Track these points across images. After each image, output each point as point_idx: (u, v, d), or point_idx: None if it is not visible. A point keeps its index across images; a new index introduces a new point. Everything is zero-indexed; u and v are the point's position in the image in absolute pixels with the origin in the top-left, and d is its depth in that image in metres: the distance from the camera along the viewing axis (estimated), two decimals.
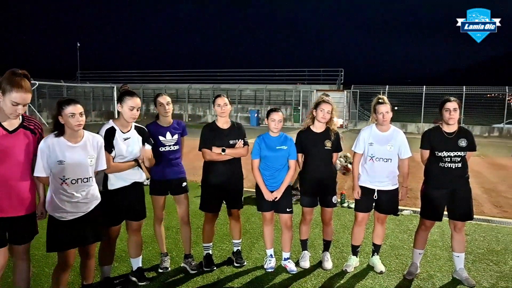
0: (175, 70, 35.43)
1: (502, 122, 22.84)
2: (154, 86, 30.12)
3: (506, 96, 23.17)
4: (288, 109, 26.16)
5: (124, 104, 3.25)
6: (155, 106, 3.78)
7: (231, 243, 4.27)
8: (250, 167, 3.89)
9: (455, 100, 3.62)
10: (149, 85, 30.82)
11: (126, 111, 3.25)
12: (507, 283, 3.75)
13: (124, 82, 31.10)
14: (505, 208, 6.53)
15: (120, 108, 3.26)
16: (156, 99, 3.73)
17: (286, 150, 3.81)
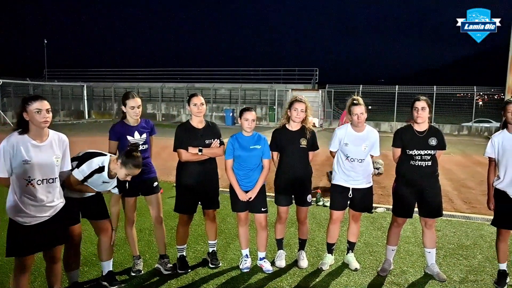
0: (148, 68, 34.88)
1: (470, 121, 23.79)
2: (126, 85, 29.50)
3: (474, 96, 24.13)
4: (264, 109, 26.27)
5: (127, 167, 3.16)
6: (123, 106, 3.69)
7: (206, 244, 4.24)
8: (224, 167, 3.87)
9: (423, 100, 3.71)
10: (121, 83, 30.17)
11: (120, 172, 3.17)
12: (476, 276, 3.90)
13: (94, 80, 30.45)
14: (474, 204, 6.78)
15: (120, 167, 3.15)
16: (126, 101, 3.64)
17: (260, 149, 3.81)
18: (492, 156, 3.67)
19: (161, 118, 27.62)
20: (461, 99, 25.95)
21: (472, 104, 24.07)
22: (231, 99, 28.41)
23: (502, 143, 3.57)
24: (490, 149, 3.67)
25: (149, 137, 3.82)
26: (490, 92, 25.58)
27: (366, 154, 3.85)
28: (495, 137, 3.67)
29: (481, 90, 24.42)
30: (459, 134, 23.07)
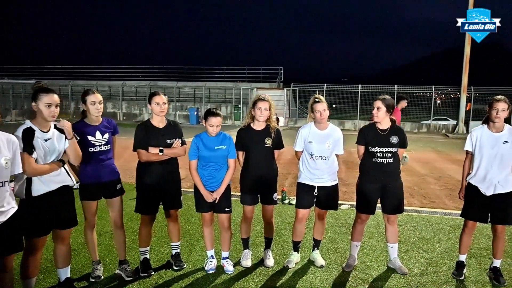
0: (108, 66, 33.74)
1: (429, 118, 24.93)
2: (84, 83, 28.48)
3: (432, 95, 25.30)
4: (229, 107, 26.20)
5: (39, 102, 2.98)
6: (83, 104, 3.54)
7: (170, 246, 4.16)
8: (188, 168, 3.82)
9: (380, 99, 3.82)
10: (79, 81, 29.09)
11: (43, 109, 2.99)
12: (435, 268, 4.08)
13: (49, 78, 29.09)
14: (433, 198, 7.10)
15: (36, 107, 3.00)
16: (87, 97, 3.51)
17: (225, 149, 3.79)
18: (469, 149, 3.79)
19: (122, 117, 26.91)
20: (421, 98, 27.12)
21: (430, 102, 25.23)
22: (196, 97, 28.12)
23: (480, 139, 3.68)
24: (469, 143, 3.78)
25: (112, 137, 3.70)
26: (447, 91, 26.93)
27: (331, 152, 3.92)
28: (474, 131, 3.77)
29: (439, 89, 25.67)
30: (419, 131, 24.09)
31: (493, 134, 3.63)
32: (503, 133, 3.61)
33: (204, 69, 31.11)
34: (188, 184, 6.48)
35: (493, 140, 3.62)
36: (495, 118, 3.57)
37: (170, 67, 31.38)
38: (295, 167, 4.13)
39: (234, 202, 4.21)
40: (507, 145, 3.57)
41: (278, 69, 28.28)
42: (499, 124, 3.61)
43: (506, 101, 3.55)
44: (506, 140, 3.58)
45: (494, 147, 3.60)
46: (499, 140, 3.59)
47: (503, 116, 3.55)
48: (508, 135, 3.59)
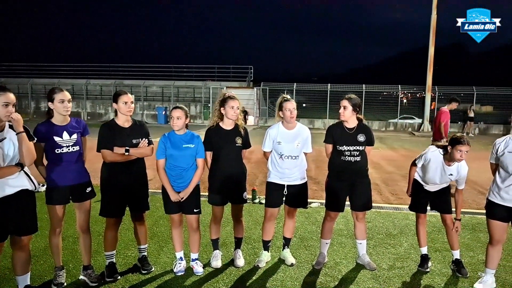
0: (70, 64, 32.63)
1: (396, 117, 25.74)
2: (45, 81, 27.38)
3: (399, 94, 26.14)
4: (198, 106, 25.99)
5: None
6: (50, 103, 3.41)
7: (137, 249, 4.07)
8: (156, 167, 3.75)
9: (346, 98, 3.90)
10: (39, 80, 27.93)
11: None
12: (402, 263, 4.21)
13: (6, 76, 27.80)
14: (400, 195, 7.33)
15: None
16: (54, 95, 3.38)
17: (193, 148, 3.75)
18: (419, 165, 4.05)
19: (87, 117, 26.11)
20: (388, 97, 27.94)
21: (397, 101, 26.06)
22: (164, 96, 27.69)
23: (429, 162, 3.89)
24: (421, 160, 4.00)
25: (81, 138, 3.58)
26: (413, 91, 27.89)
27: (300, 151, 3.96)
28: (427, 154, 3.95)
29: (405, 88, 26.53)
30: (386, 130, 24.82)
31: (445, 165, 3.83)
32: (452, 168, 3.81)
33: (172, 67, 30.60)
34: (156, 185, 6.37)
35: (441, 171, 3.85)
36: (458, 160, 3.72)
37: (136, 65, 30.72)
38: (265, 166, 4.14)
39: (203, 202, 4.18)
40: (452, 177, 3.84)
41: (248, 68, 28.31)
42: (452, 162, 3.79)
43: (469, 143, 3.66)
44: (452, 173, 3.83)
45: (441, 179, 3.89)
46: (447, 172, 3.83)
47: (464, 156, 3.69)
48: (455, 171, 3.82)
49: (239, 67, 29.24)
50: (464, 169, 3.82)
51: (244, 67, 28.72)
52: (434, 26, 22.87)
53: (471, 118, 22.05)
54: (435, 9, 22.71)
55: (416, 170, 4.12)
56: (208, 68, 30.30)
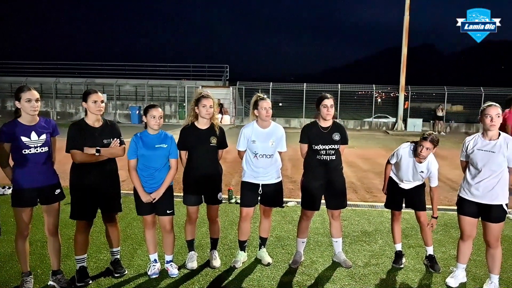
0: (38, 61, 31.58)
1: (371, 116, 26.26)
2: (11, 79, 26.44)
3: (373, 93, 26.68)
4: (173, 106, 25.70)
5: None
6: (17, 102, 3.28)
7: (109, 252, 3.97)
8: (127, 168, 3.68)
9: (331, 97, 3.96)
10: (5, 78, 26.92)
11: None
12: (377, 260, 4.29)
13: None
14: (375, 193, 7.47)
15: None
16: (21, 94, 3.25)
17: (166, 148, 3.69)
18: (392, 162, 4.17)
19: (56, 116, 25.38)
20: (363, 96, 28.46)
21: (372, 101, 26.59)
22: (137, 96, 27.25)
23: (402, 158, 4.00)
24: (394, 157, 4.12)
25: (51, 139, 3.47)
26: (387, 90, 28.51)
27: (274, 149, 3.97)
28: (399, 150, 4.07)
29: (379, 88, 27.10)
30: (361, 129, 25.27)
31: (416, 162, 3.94)
32: (423, 165, 3.92)
33: (146, 66, 30.15)
34: (129, 186, 6.24)
35: (412, 168, 3.97)
36: (420, 155, 3.85)
37: (109, 64, 30.05)
38: (241, 166, 4.13)
39: (178, 203, 4.12)
40: (423, 174, 3.95)
41: (223, 67, 28.22)
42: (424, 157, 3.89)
43: (433, 141, 3.80)
44: (422, 170, 3.93)
45: (414, 176, 3.99)
46: (418, 169, 3.94)
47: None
48: (425, 168, 3.92)
49: (215, 66, 29.11)
50: (434, 166, 3.93)
51: (220, 66, 28.62)
52: (407, 27, 23.45)
53: (441, 117, 22.76)
54: (408, 10, 23.30)
55: (391, 168, 4.20)
56: (183, 67, 29.99)
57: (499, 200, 3.46)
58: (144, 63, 30.70)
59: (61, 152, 3.58)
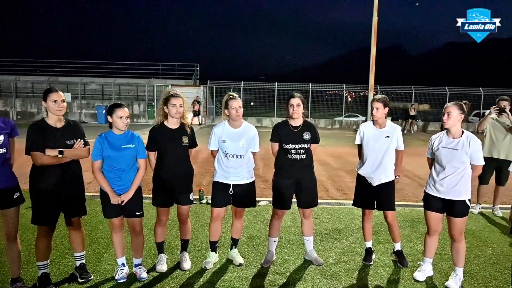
0: None
1: (341, 115, 26.77)
2: None
3: (344, 93, 27.21)
4: (142, 105, 25.24)
5: None
6: None
7: (74, 257, 3.85)
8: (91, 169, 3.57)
9: (298, 96, 3.99)
10: None
11: None
12: (348, 257, 4.37)
13: None
14: (346, 191, 7.62)
15: None
16: None
17: (133, 148, 3.61)
18: (358, 143, 4.18)
19: (16, 116, 24.37)
20: (333, 95, 28.99)
21: (342, 100, 27.11)
22: (104, 95, 26.57)
23: (365, 133, 4.09)
24: (357, 137, 4.18)
25: (9, 140, 3.32)
26: (357, 90, 29.15)
27: (246, 149, 3.96)
28: (361, 127, 4.19)
29: (350, 87, 27.67)
30: (332, 127, 25.71)
31: (377, 129, 4.04)
32: (386, 128, 4.04)
33: (113, 64, 29.40)
34: (96, 189, 6.08)
35: (377, 135, 4.03)
36: (375, 116, 4.00)
37: (73, 61, 29.14)
38: (213, 166, 4.10)
39: (147, 204, 4.05)
40: (388, 139, 4.00)
41: (194, 66, 27.97)
42: (382, 120, 4.04)
43: (380, 100, 4.00)
44: (388, 135, 4.01)
45: (378, 141, 4.01)
46: (381, 135, 4.01)
47: (381, 114, 3.98)
48: (389, 130, 4.03)
49: (184, 65, 28.80)
50: (398, 127, 4.08)
51: (190, 64, 28.36)
52: (375, 28, 24.03)
53: (413, 116, 23.51)
54: (376, 11, 23.88)
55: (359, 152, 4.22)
56: (152, 65, 29.51)
57: (462, 195, 3.60)
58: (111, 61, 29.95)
59: (21, 154, 3.43)
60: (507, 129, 5.80)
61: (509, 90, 25.31)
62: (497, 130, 5.88)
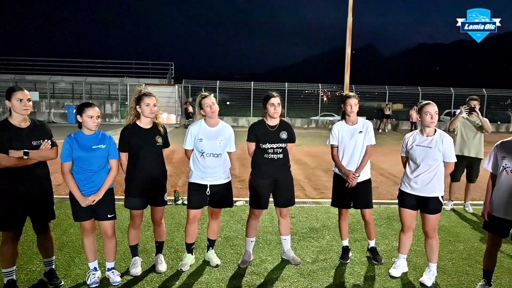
0: None
1: (317, 115, 27.07)
2: None
3: (319, 92, 27.54)
4: (114, 105, 24.75)
5: None
6: None
7: (43, 263, 3.72)
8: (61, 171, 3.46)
9: (278, 96, 4.00)
10: None
11: None
12: (325, 255, 4.41)
13: None
14: (322, 190, 7.69)
15: None
16: None
17: (104, 149, 3.52)
18: (334, 143, 4.20)
19: None
20: (309, 95, 29.29)
21: (318, 100, 27.43)
22: (74, 94, 25.91)
23: (339, 132, 4.15)
24: (331, 138, 4.21)
25: None
26: (332, 89, 29.57)
27: (222, 149, 3.93)
28: (334, 126, 4.24)
29: (325, 87, 28.03)
30: (308, 127, 25.97)
31: (350, 126, 4.12)
32: (358, 125, 4.13)
33: (84, 62, 28.68)
34: (66, 191, 5.90)
35: (351, 131, 4.11)
36: (350, 113, 4.08)
37: (41, 59, 28.18)
38: (188, 166, 4.05)
39: (120, 206, 3.95)
40: (362, 135, 4.09)
41: (168, 65, 27.66)
42: (354, 117, 4.13)
43: (356, 97, 4.11)
44: (361, 130, 4.10)
45: (352, 138, 4.09)
46: (355, 131, 4.09)
47: (356, 110, 4.08)
48: (362, 126, 4.12)
49: (159, 63, 28.46)
50: (370, 123, 4.17)
51: (164, 63, 28.04)
52: (350, 28, 24.42)
53: (388, 116, 24.03)
54: (351, 11, 24.29)
55: (336, 152, 4.21)
56: (125, 63, 28.96)
57: (435, 192, 3.70)
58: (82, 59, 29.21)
59: None
60: (477, 128, 6.00)
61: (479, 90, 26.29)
62: (467, 128, 6.07)
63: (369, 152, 4.13)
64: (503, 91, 27.86)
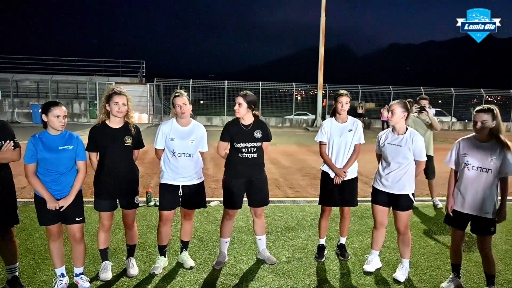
0: None
1: (292, 113, 27.29)
2: None
3: (294, 92, 27.76)
4: (83, 104, 24.13)
5: None
6: None
7: (5, 270, 3.56)
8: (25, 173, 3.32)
9: (240, 95, 3.90)
10: None
11: None
12: (300, 254, 4.43)
13: None
14: (297, 188, 7.74)
15: None
16: None
17: (72, 150, 3.39)
18: (323, 140, 4.22)
19: None
20: (284, 94, 29.47)
21: (292, 99, 27.64)
22: (40, 92, 25.09)
23: (329, 129, 4.17)
24: (320, 134, 4.23)
25: None
26: (306, 88, 29.86)
27: (194, 149, 3.88)
28: (324, 123, 4.25)
29: (299, 86, 28.27)
30: (283, 126, 26.14)
31: (340, 124, 4.16)
32: (348, 123, 4.17)
33: (50, 59, 27.75)
34: (30, 194, 5.69)
35: (341, 129, 4.14)
36: (341, 111, 4.11)
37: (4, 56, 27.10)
38: (159, 166, 3.98)
39: (89, 209, 3.84)
40: (351, 133, 4.14)
41: (139, 63, 27.18)
42: (345, 115, 4.17)
43: (348, 95, 4.15)
44: (351, 128, 4.14)
45: (342, 135, 4.12)
46: (344, 129, 4.13)
47: (347, 109, 4.12)
48: (351, 124, 4.16)
49: (129, 62, 27.91)
50: (359, 121, 4.24)
51: (135, 61, 27.53)
52: (324, 28, 24.80)
53: (361, 114, 24.49)
54: (324, 11, 24.62)
55: (324, 149, 4.22)
56: (93, 61, 28.24)
57: (406, 190, 3.79)
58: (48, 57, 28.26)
59: None
60: (427, 126, 6.23)
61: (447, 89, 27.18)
62: (418, 126, 6.27)
63: (357, 151, 4.18)
64: (469, 90, 28.92)
